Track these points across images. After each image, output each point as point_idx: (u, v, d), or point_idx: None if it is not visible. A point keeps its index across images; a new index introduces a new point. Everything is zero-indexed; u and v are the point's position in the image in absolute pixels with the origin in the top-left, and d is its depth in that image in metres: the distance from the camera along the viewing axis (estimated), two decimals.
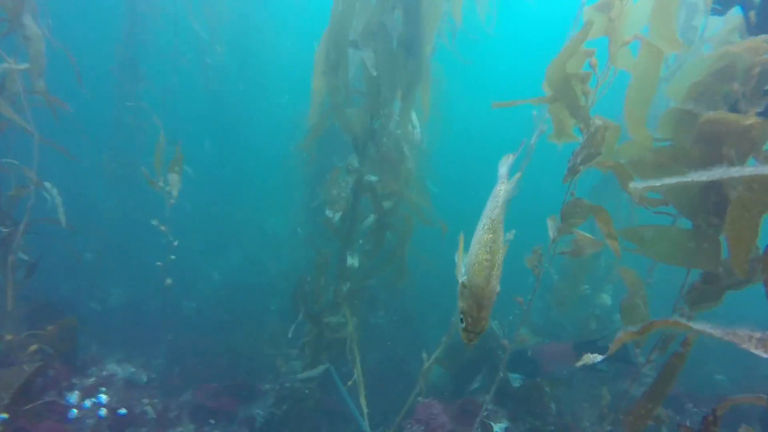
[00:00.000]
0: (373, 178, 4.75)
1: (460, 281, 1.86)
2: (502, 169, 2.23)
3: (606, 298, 5.70)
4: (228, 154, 14.37)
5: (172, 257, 4.15)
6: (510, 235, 2.98)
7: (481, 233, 1.88)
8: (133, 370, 4.89)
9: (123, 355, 5.66)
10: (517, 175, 2.18)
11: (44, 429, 3.56)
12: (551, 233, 3.12)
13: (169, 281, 4.26)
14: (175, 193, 4.16)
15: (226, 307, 8.39)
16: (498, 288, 1.80)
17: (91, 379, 4.55)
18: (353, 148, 4.74)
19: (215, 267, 10.62)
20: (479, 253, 1.83)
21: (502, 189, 2.06)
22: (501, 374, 3.52)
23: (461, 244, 1.99)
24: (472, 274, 1.80)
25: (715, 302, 2.99)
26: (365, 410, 4.20)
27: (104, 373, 4.68)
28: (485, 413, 4.03)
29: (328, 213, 4.46)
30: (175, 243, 4.34)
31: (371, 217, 4.93)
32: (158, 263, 4.18)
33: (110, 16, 9.25)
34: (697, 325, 1.39)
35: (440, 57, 5.97)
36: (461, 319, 1.79)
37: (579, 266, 5.86)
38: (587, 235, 3.03)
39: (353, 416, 4.64)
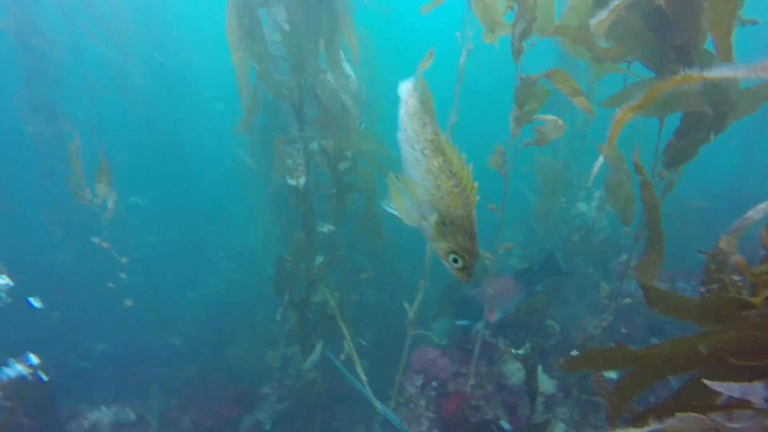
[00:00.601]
0: (318, 141, 4.43)
1: (432, 222, 1.64)
2: (403, 93, 1.84)
3: (582, 207, 5.55)
4: (178, 180, 13.83)
5: (123, 275, 3.75)
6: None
7: (428, 162, 1.62)
8: (119, 412, 4.47)
9: (115, 402, 5.26)
10: (418, 75, 1.89)
11: None
12: (511, 127, 2.86)
13: (129, 302, 3.87)
14: (110, 205, 3.75)
15: (214, 329, 8.02)
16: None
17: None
18: (294, 114, 4.41)
19: (194, 292, 10.18)
20: (440, 183, 1.59)
21: (411, 104, 1.75)
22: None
23: (394, 187, 1.74)
24: (445, 208, 1.60)
25: (691, 156, 2.82)
26: (365, 378, 3.90)
27: (85, 424, 4.26)
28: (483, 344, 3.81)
29: (291, 182, 4.08)
30: (124, 260, 3.94)
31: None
32: (110, 284, 3.78)
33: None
34: (713, 71, 1.12)
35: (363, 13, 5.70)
36: (454, 260, 1.64)
37: (553, 179, 5.68)
38: (548, 116, 2.78)
39: (361, 393, 4.37)
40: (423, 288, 3.71)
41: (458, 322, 4.45)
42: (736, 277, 1.68)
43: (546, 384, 4.17)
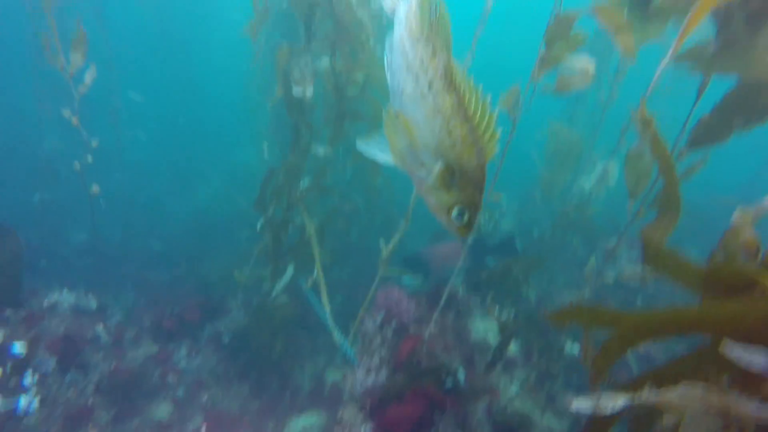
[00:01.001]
0: (328, 58, 4.16)
1: (436, 171, 1.39)
2: (402, 7, 1.46)
3: (584, 183, 5.35)
4: (188, 90, 13.48)
5: (89, 158, 3.58)
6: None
7: (436, 99, 1.34)
8: (81, 298, 4.45)
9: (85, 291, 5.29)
10: None
11: None
12: (534, 69, 2.62)
13: (95, 187, 3.73)
14: (87, 79, 3.53)
15: (195, 241, 8.02)
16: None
17: (33, 309, 4.12)
18: (304, 27, 4.11)
19: (183, 202, 10.12)
20: (452, 128, 1.33)
21: (414, 22, 1.39)
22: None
23: (390, 124, 1.43)
24: (456, 157, 1.35)
25: (719, 140, 2.59)
26: (328, 308, 3.86)
27: (45, 303, 4.24)
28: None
29: (297, 91, 3.82)
30: (94, 144, 3.77)
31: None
32: (75, 163, 3.61)
33: None
34: None
35: None
36: (459, 215, 1.42)
37: (566, 150, 5.45)
38: (580, 59, 2.52)
39: (324, 322, 4.35)
40: (403, 228, 3.58)
41: (404, 280, 4.40)
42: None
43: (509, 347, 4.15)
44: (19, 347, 3.58)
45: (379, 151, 1.51)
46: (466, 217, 1.43)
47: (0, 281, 4.09)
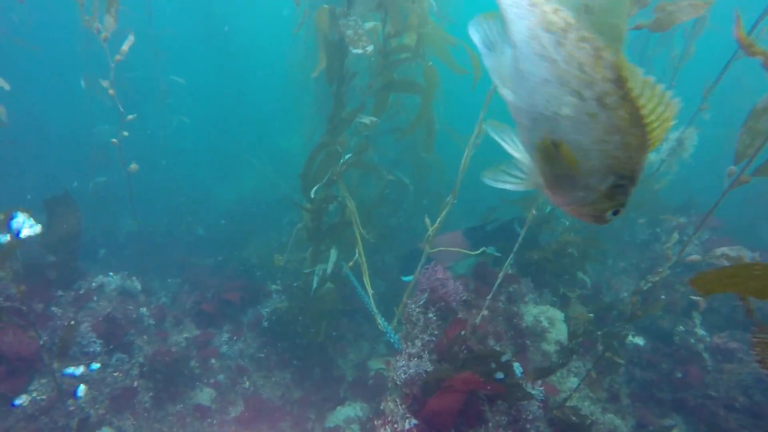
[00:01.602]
0: (371, 21, 3.89)
1: (604, 188, 1.12)
2: None
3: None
4: (232, 77, 13.70)
5: (125, 133, 3.59)
6: None
7: (610, 116, 1.00)
8: (126, 280, 4.53)
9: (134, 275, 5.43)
10: None
11: (8, 340, 3.24)
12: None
13: (134, 165, 3.72)
14: (125, 47, 3.50)
15: (238, 226, 8.11)
16: None
17: (81, 291, 4.22)
18: None
19: (226, 188, 10.30)
20: (631, 140, 1.01)
21: (554, 11, 1.01)
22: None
23: (545, 162, 1.14)
24: (632, 167, 1.06)
25: None
26: (371, 291, 3.68)
27: (93, 284, 4.34)
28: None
29: (356, 51, 3.56)
30: (130, 117, 3.77)
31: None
32: (113, 140, 3.61)
33: None
34: None
35: None
36: (614, 213, 1.17)
37: None
38: None
39: (367, 307, 4.18)
40: (450, 204, 3.33)
41: (403, 278, 4.14)
42: None
43: (565, 333, 3.84)
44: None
45: (510, 180, 1.28)
46: (621, 212, 1.18)
47: (60, 255, 4.20)
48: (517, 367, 2.86)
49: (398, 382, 2.84)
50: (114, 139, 3.44)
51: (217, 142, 11.92)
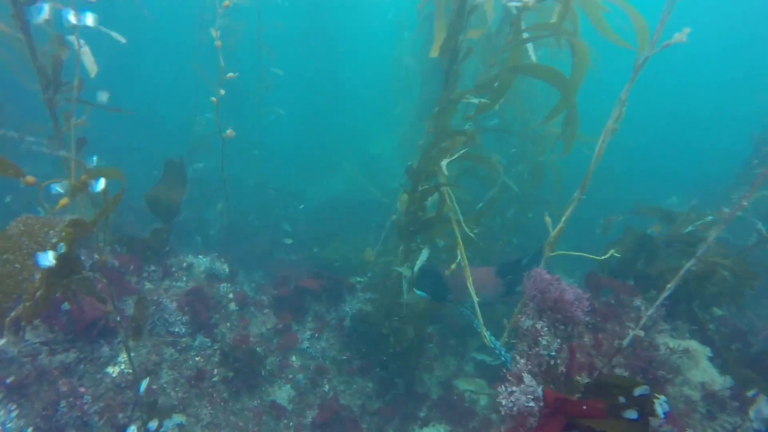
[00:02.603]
0: None
1: None
2: None
3: None
4: (331, 79, 14.03)
5: (221, 92, 3.60)
6: None
7: None
8: (215, 264, 4.51)
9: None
10: None
11: (88, 303, 3.25)
12: None
13: (230, 131, 3.68)
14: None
15: (324, 225, 8.07)
16: None
17: (173, 269, 4.25)
18: None
19: (314, 187, 10.40)
20: None
21: None
22: None
23: None
24: None
25: None
26: (475, 299, 3.26)
27: (183, 263, 4.36)
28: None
29: (511, 3, 3.22)
30: (221, 93, 3.76)
31: None
32: (228, 131, 3.62)
33: None
34: None
35: None
36: None
37: None
38: None
39: (468, 318, 3.78)
40: (576, 200, 2.87)
41: (416, 291, 3.94)
42: None
43: (712, 375, 3.15)
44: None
45: None
46: None
47: (161, 216, 4.29)
48: (662, 405, 2.29)
49: (509, 413, 2.40)
50: (230, 130, 3.40)
51: (309, 141, 12.16)
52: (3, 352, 3.03)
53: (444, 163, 3.55)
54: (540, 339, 2.54)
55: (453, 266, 3.53)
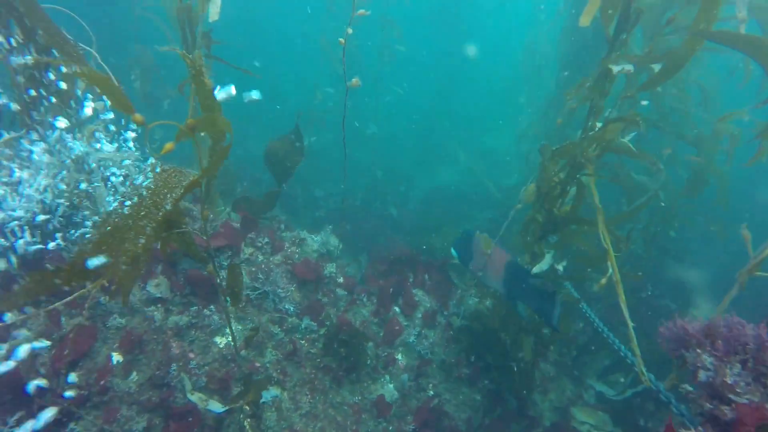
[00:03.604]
0: None
1: None
2: None
3: None
4: (454, 65, 13.66)
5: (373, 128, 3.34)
6: None
7: None
8: (331, 239, 4.38)
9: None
10: None
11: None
12: None
13: (355, 80, 3.50)
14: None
15: (432, 213, 7.78)
16: None
17: (285, 243, 4.19)
18: None
19: (426, 177, 10.13)
20: None
21: None
22: None
23: None
24: None
25: None
26: (631, 324, 2.69)
27: (297, 240, 4.27)
28: None
29: None
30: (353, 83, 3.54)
31: None
32: (371, 126, 3.44)
33: None
34: None
35: None
36: None
37: None
38: None
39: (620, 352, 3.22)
40: None
41: (452, 251, 3.92)
42: None
43: None
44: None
45: None
46: None
47: (276, 175, 4.32)
48: None
49: None
50: (355, 79, 3.15)
51: (424, 125, 11.89)
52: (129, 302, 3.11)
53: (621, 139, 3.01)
54: (735, 397, 1.98)
55: (603, 281, 2.98)
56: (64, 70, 3.16)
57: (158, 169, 1.76)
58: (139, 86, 7.25)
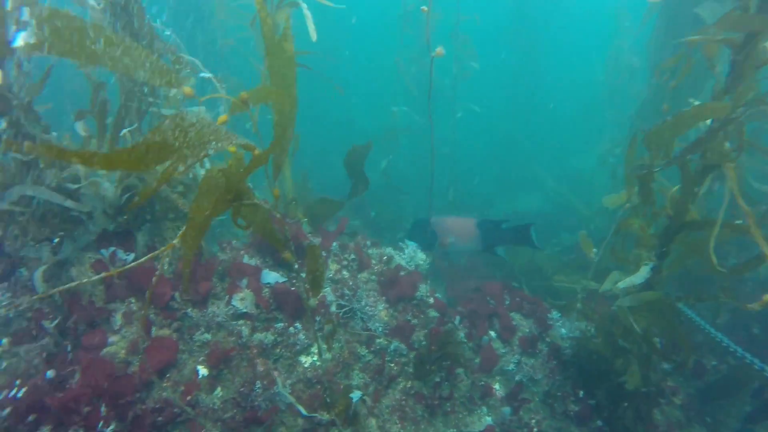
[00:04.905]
0: None
1: None
2: None
3: None
4: (534, 82, 13.41)
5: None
6: None
7: None
8: (416, 259, 4.21)
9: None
10: None
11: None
12: None
13: (439, 49, 3.33)
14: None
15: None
16: None
17: (372, 261, 4.05)
18: None
19: (506, 199, 9.77)
20: None
21: None
22: None
23: None
24: None
25: None
26: None
27: (384, 257, 4.12)
28: None
29: None
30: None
31: None
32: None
33: None
34: None
35: None
36: None
37: None
38: None
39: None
40: None
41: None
42: None
43: None
44: None
45: None
46: None
47: (350, 170, 4.34)
48: None
49: None
50: (439, 48, 2.98)
51: (502, 148, 11.59)
52: (215, 315, 3.07)
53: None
54: None
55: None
56: None
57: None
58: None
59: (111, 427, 2.50)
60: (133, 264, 2.04)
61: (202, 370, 2.92)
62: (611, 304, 3.54)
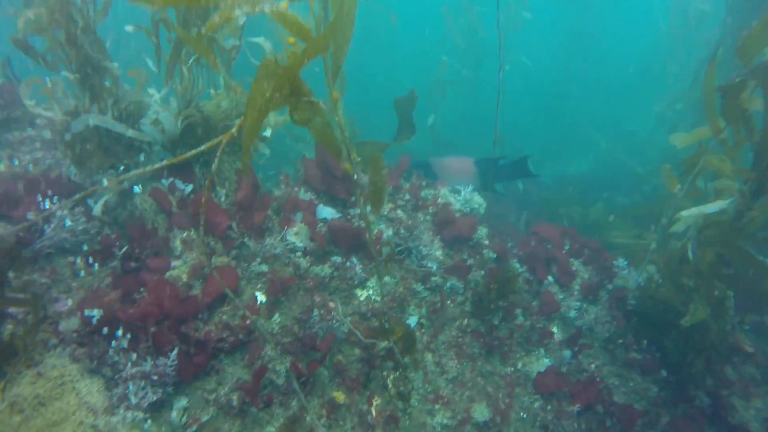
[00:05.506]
0: None
1: None
2: None
3: None
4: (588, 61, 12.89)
5: None
6: None
7: None
8: (473, 201, 4.14)
9: None
10: None
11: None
12: None
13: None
14: None
15: (567, 194, 7.21)
16: None
17: (428, 202, 4.00)
18: None
19: (558, 162, 9.49)
20: None
21: None
22: None
23: None
24: None
25: None
26: None
27: (439, 199, 4.06)
28: None
29: None
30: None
31: None
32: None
33: None
34: None
35: None
36: None
37: None
38: None
39: None
40: None
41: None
42: None
43: None
44: None
45: None
46: None
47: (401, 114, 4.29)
48: None
49: None
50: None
51: (554, 105, 11.19)
52: (272, 246, 3.10)
53: None
54: None
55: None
56: None
57: None
58: None
59: (176, 346, 2.59)
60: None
61: (261, 297, 2.97)
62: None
